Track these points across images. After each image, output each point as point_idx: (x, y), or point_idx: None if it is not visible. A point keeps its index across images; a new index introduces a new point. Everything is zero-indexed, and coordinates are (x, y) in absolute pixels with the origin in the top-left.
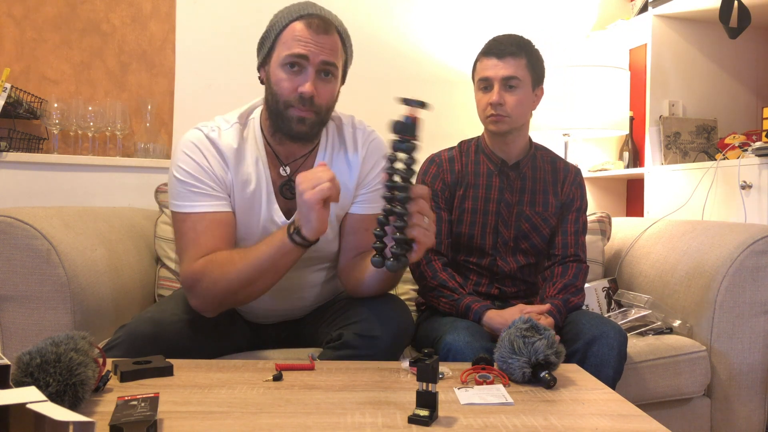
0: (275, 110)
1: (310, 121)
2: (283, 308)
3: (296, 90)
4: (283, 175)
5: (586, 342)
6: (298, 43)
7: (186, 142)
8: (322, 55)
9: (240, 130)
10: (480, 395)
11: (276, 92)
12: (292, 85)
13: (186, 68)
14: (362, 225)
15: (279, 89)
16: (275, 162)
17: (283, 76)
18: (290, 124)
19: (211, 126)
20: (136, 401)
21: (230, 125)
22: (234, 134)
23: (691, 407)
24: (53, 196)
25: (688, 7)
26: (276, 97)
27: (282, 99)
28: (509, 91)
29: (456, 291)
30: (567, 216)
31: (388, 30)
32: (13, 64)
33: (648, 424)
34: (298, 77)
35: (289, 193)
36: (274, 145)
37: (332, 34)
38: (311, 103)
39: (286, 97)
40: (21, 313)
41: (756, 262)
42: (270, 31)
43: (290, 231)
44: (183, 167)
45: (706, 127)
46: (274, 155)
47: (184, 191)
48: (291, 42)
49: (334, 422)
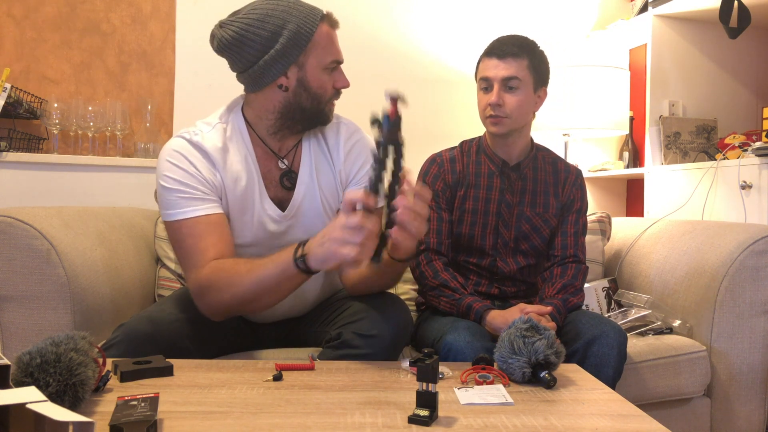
0: (313, 109)
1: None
2: (283, 306)
3: (334, 87)
4: (281, 168)
5: (586, 342)
6: (333, 45)
7: (168, 151)
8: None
9: (223, 129)
10: (480, 395)
11: (320, 94)
12: (331, 83)
13: (186, 68)
14: None
15: (324, 91)
16: (266, 156)
17: (327, 78)
18: (328, 116)
19: (192, 131)
20: (136, 401)
21: (212, 126)
22: (218, 135)
23: (691, 407)
24: (53, 196)
25: (688, 7)
26: (318, 98)
27: (326, 98)
28: (509, 92)
29: (457, 291)
30: (567, 217)
31: (388, 30)
32: (13, 64)
33: (648, 424)
34: (335, 75)
35: (288, 183)
36: (268, 141)
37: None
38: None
39: (329, 95)
40: (21, 313)
41: (756, 262)
42: (296, 36)
43: (296, 255)
44: (169, 175)
45: (706, 127)
46: (265, 150)
47: (174, 199)
48: (329, 45)
49: (334, 422)
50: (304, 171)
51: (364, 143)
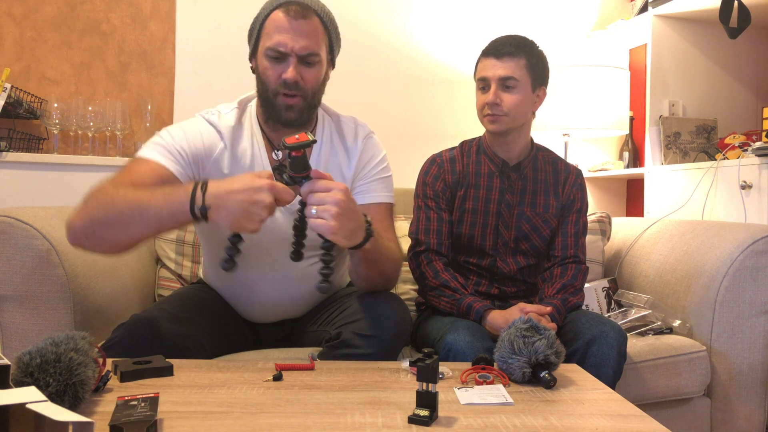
0: (265, 98)
1: (297, 107)
2: (284, 303)
3: (280, 77)
4: (276, 159)
5: (586, 342)
6: (278, 31)
7: (187, 121)
8: (300, 42)
9: (239, 113)
10: (480, 395)
11: (264, 81)
12: (275, 72)
13: (186, 68)
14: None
15: (265, 78)
16: (270, 146)
17: (267, 65)
18: (279, 112)
19: (211, 111)
20: (136, 401)
21: (230, 109)
22: (233, 116)
23: (691, 407)
24: (53, 196)
25: (688, 7)
26: (264, 85)
27: (270, 87)
28: (506, 92)
29: (458, 291)
30: (567, 217)
31: (388, 30)
32: (13, 64)
33: (648, 424)
34: (281, 65)
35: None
36: (267, 132)
37: (311, 19)
38: (297, 87)
39: (273, 85)
40: (21, 313)
41: (756, 262)
42: (255, 22)
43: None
44: (169, 131)
45: (706, 127)
46: (268, 141)
47: (154, 144)
48: (272, 31)
49: (334, 422)
50: None
51: (375, 141)
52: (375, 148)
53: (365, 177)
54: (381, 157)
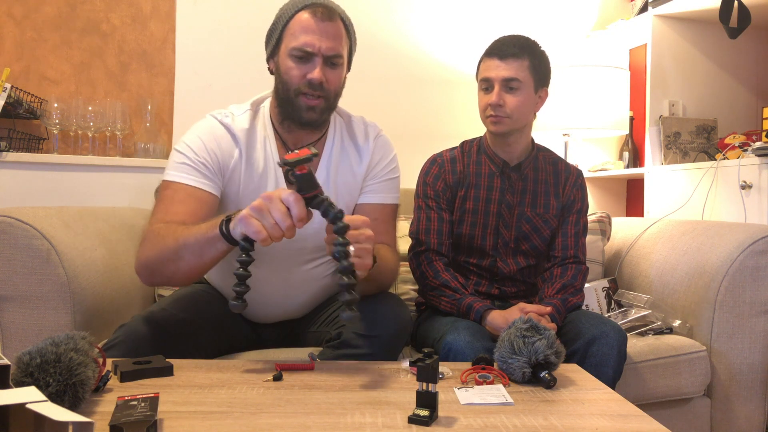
0: (286, 99)
1: (319, 108)
2: (286, 304)
3: (305, 77)
4: None
5: (586, 342)
6: (305, 32)
7: (201, 126)
8: (327, 43)
9: (252, 115)
10: (480, 395)
11: (286, 81)
12: (300, 72)
13: (186, 68)
14: (373, 215)
15: (289, 78)
16: (284, 148)
17: (292, 65)
18: (300, 113)
19: (224, 113)
20: (136, 401)
21: (243, 111)
22: (247, 118)
23: (691, 407)
24: (53, 196)
25: (688, 7)
26: (286, 85)
27: (293, 87)
28: (509, 93)
29: (458, 291)
30: (567, 218)
31: (388, 30)
32: (13, 64)
33: (648, 424)
34: (306, 65)
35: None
36: (282, 133)
37: (336, 22)
38: (321, 88)
39: (296, 85)
40: (21, 313)
41: (756, 262)
42: (277, 22)
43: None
44: (187, 143)
45: (706, 127)
46: (282, 142)
47: (178, 164)
48: (298, 32)
49: (334, 422)
50: (320, 169)
51: (385, 140)
52: (385, 148)
53: (375, 177)
54: (391, 157)
